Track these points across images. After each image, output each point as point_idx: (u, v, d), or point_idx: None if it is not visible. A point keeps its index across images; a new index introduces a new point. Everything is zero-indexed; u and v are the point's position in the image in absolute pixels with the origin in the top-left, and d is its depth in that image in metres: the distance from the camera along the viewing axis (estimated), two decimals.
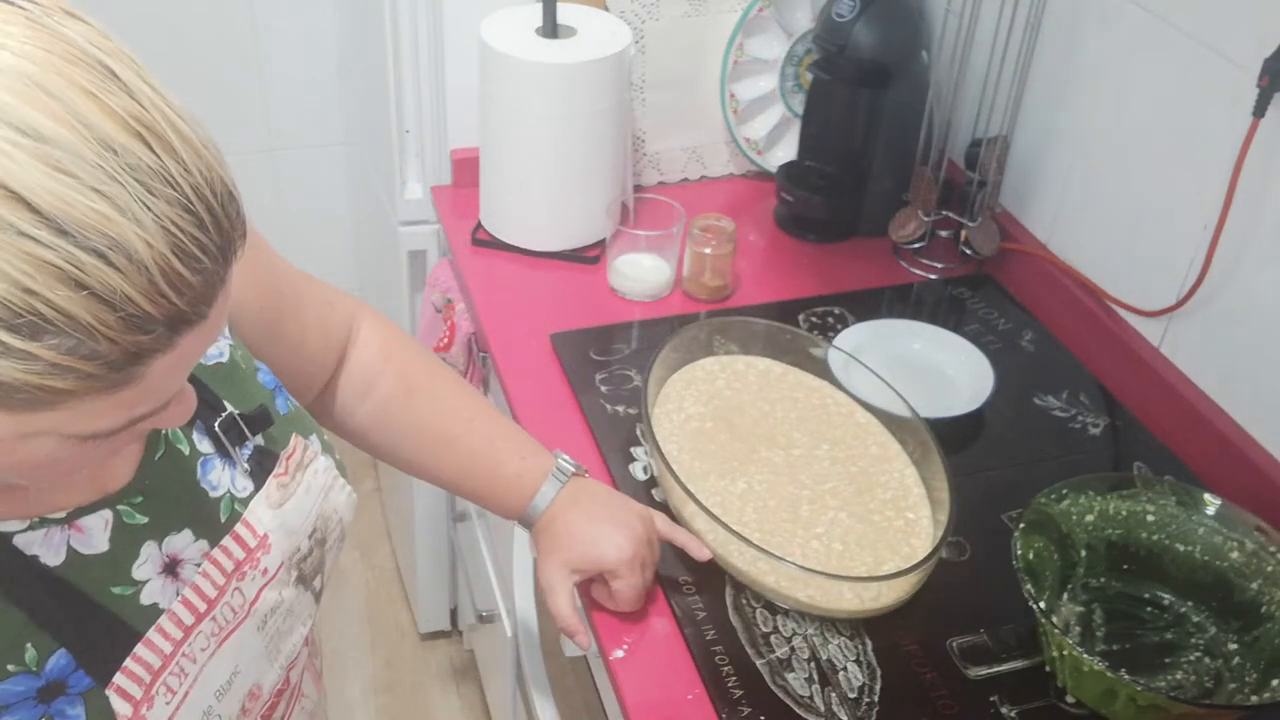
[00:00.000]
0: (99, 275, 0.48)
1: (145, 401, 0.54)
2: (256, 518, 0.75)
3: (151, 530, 0.70)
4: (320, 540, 0.81)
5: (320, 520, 0.80)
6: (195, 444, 0.74)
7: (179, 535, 0.71)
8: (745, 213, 1.59)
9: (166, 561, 0.70)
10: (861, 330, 1.32)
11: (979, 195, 1.42)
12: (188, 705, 0.69)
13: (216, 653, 0.71)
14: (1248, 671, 0.95)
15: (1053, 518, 1.02)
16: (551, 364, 1.30)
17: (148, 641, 0.67)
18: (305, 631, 0.82)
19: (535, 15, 1.42)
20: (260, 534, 0.75)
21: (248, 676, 0.75)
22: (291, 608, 0.79)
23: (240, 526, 0.74)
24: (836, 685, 0.96)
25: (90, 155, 0.48)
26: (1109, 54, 1.28)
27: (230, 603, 0.72)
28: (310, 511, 0.79)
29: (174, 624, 0.69)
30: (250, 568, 0.74)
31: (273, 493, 0.76)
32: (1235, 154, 1.09)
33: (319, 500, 0.80)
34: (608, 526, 0.97)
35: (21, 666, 0.62)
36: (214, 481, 0.74)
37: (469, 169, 1.56)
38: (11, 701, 0.62)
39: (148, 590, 0.69)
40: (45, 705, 0.63)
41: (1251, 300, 1.14)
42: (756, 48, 1.58)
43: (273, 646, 0.78)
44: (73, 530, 0.66)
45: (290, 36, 2.08)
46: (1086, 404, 1.28)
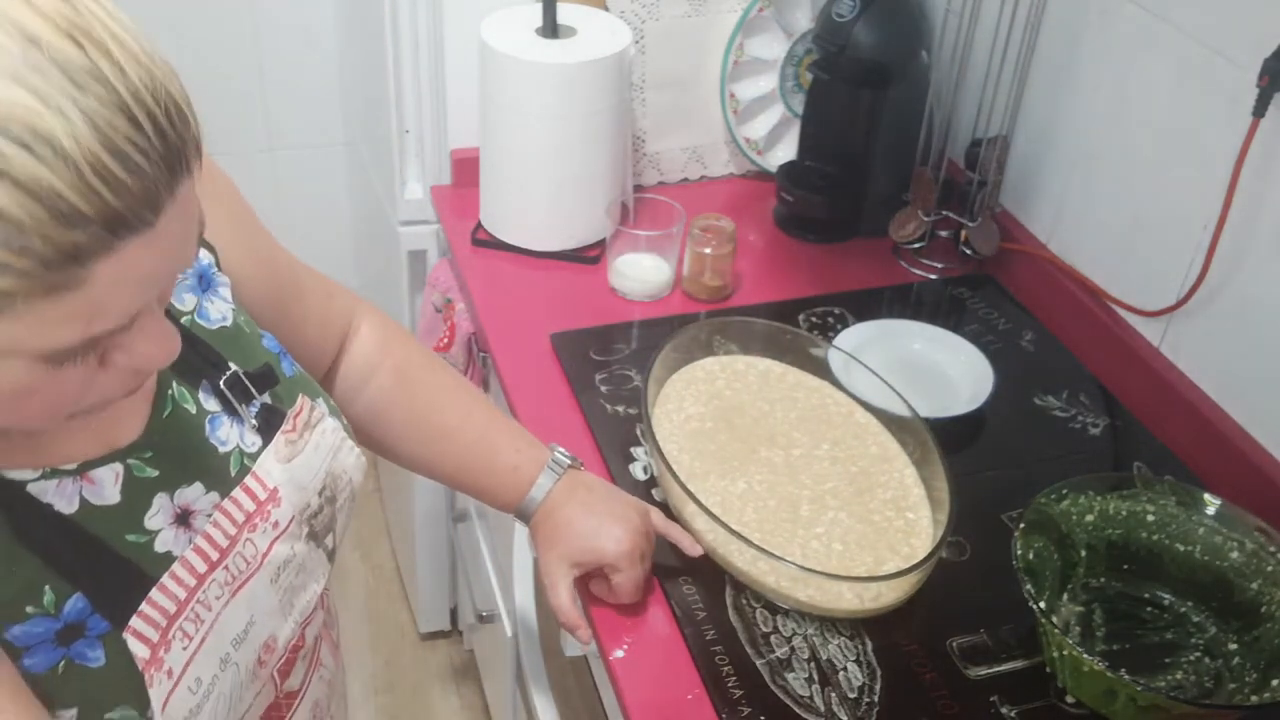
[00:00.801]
0: (23, 166, 0.48)
1: (100, 316, 0.54)
2: (265, 471, 0.76)
3: (162, 483, 0.71)
4: (330, 498, 0.81)
5: (330, 478, 0.81)
6: (202, 403, 0.75)
7: (190, 488, 0.72)
8: (745, 213, 1.59)
9: (178, 512, 0.71)
10: (861, 330, 1.32)
11: (979, 195, 1.42)
12: (205, 651, 0.71)
13: (231, 602, 0.73)
14: (1248, 671, 0.95)
15: (1053, 518, 1.02)
16: (551, 364, 1.30)
17: (162, 587, 0.68)
18: (318, 589, 0.83)
19: (535, 15, 1.42)
20: (270, 487, 0.76)
21: (263, 628, 0.76)
22: (304, 563, 0.80)
23: (250, 479, 0.75)
24: (836, 685, 0.96)
25: (14, 48, 0.48)
26: (1109, 54, 1.28)
27: (242, 553, 0.74)
28: (319, 469, 0.80)
29: (187, 571, 0.70)
30: (261, 520, 0.75)
31: (281, 448, 0.77)
32: (1235, 154, 1.09)
33: (328, 459, 0.81)
34: (606, 519, 0.98)
35: (40, 609, 0.64)
36: (223, 438, 0.75)
37: (469, 169, 1.56)
38: (32, 643, 0.64)
39: (161, 539, 0.70)
40: (65, 648, 0.64)
41: (1251, 300, 1.14)
42: (756, 48, 1.58)
43: (286, 601, 0.79)
44: (84, 481, 0.67)
45: (290, 36, 2.08)
46: (1086, 404, 1.28)
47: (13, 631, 0.63)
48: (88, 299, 0.52)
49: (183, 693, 0.69)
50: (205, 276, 0.78)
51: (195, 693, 0.70)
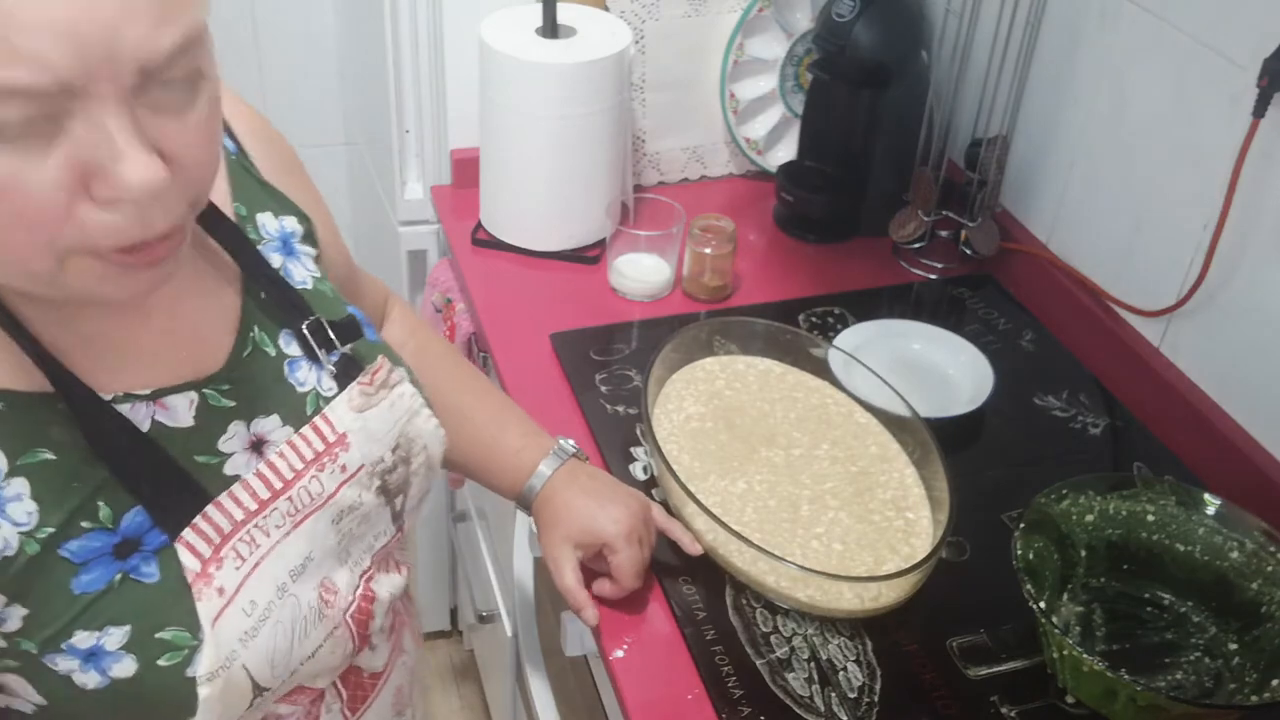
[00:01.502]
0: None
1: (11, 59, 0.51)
2: (337, 415, 0.77)
3: (239, 412, 0.74)
4: (404, 459, 0.83)
5: (404, 439, 0.82)
6: (282, 347, 0.77)
7: (267, 419, 0.75)
8: (745, 213, 1.59)
9: (253, 440, 0.74)
10: (861, 330, 1.32)
11: (979, 195, 1.42)
12: (260, 575, 0.72)
13: (293, 532, 0.74)
14: (1248, 671, 0.95)
15: (1053, 518, 1.02)
16: (551, 364, 1.30)
17: (218, 504, 0.70)
18: (379, 545, 0.83)
19: (535, 15, 1.42)
20: (339, 431, 0.77)
21: (321, 566, 0.77)
22: (368, 514, 0.80)
23: (320, 420, 0.77)
24: (836, 685, 0.96)
25: None
26: (1109, 54, 1.28)
27: (308, 488, 0.75)
28: (394, 427, 0.81)
29: (248, 494, 0.72)
30: (330, 460, 0.76)
31: (355, 396, 0.79)
32: (1235, 154, 1.09)
33: (403, 420, 0.82)
34: (605, 501, 0.99)
35: (95, 523, 0.65)
36: (301, 379, 0.78)
37: (469, 169, 1.56)
38: (89, 558, 0.65)
39: (232, 462, 0.73)
40: (122, 561, 0.66)
41: (1252, 300, 1.14)
42: (756, 48, 1.58)
43: (343, 546, 0.79)
44: (157, 406, 0.70)
45: (290, 36, 2.08)
46: (1086, 404, 1.28)
47: (69, 547, 0.64)
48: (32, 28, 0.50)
49: (235, 613, 0.70)
50: (288, 242, 0.81)
51: (250, 615, 0.70)
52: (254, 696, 0.73)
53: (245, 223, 0.79)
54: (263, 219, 0.81)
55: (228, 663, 0.69)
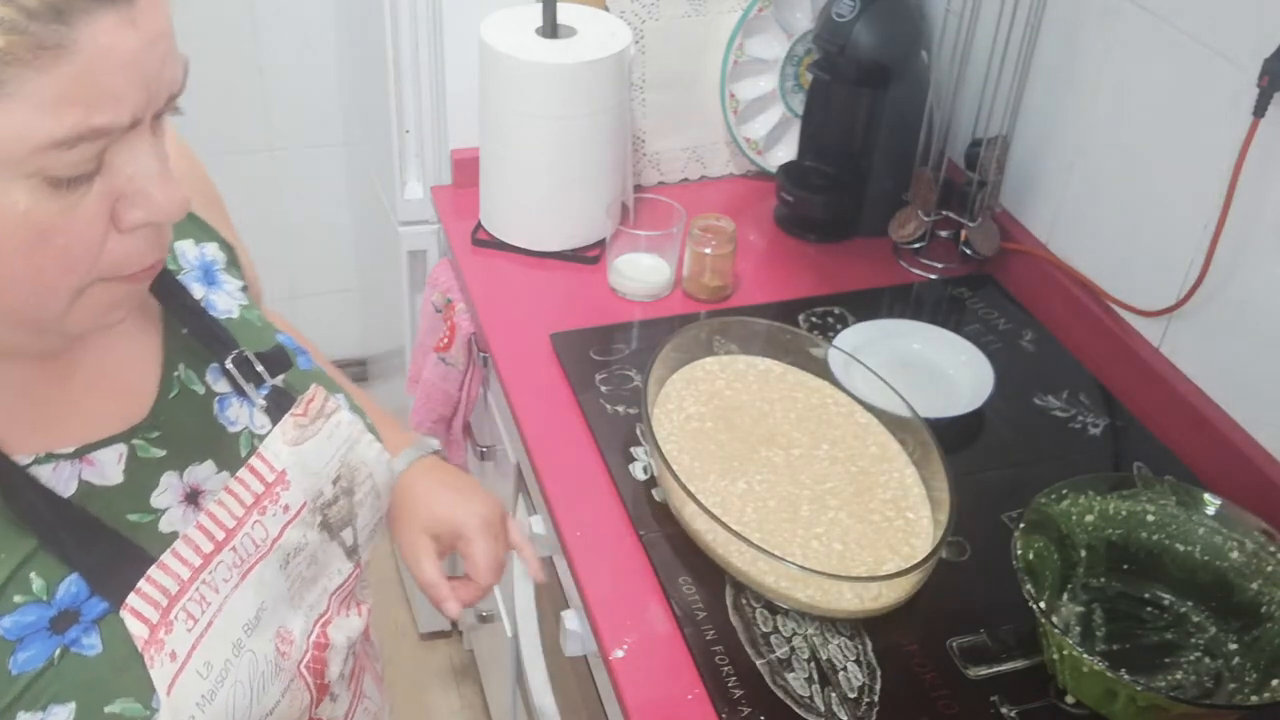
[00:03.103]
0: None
1: (96, 103, 0.54)
2: (273, 453, 0.75)
3: (171, 461, 0.71)
4: (347, 490, 0.80)
5: (345, 469, 0.80)
6: (210, 384, 0.75)
7: (201, 466, 0.72)
8: (745, 213, 1.59)
9: (188, 491, 0.71)
10: (861, 330, 1.32)
11: (979, 195, 1.42)
12: (214, 635, 0.69)
13: (240, 585, 0.71)
14: (1248, 671, 0.95)
15: (1053, 518, 1.02)
16: (551, 364, 1.30)
17: (162, 564, 0.67)
18: (329, 585, 0.80)
19: (535, 15, 1.42)
20: (277, 469, 0.74)
21: (274, 615, 0.74)
22: (316, 554, 0.78)
23: (255, 460, 0.74)
24: (836, 685, 0.96)
25: None
26: (1109, 54, 1.28)
27: (252, 535, 0.72)
28: (332, 457, 0.79)
29: (191, 550, 0.69)
30: (270, 502, 0.74)
31: (289, 430, 0.76)
32: (1235, 154, 1.09)
33: (343, 449, 0.80)
34: (462, 493, 0.97)
35: (29, 596, 0.62)
36: (232, 417, 0.75)
37: (469, 169, 1.56)
38: (25, 634, 0.62)
39: (167, 518, 0.70)
40: (60, 635, 0.63)
41: (1251, 300, 1.14)
42: (756, 48, 1.58)
43: (296, 591, 0.77)
44: (83, 464, 0.67)
45: (290, 36, 2.08)
46: (1086, 404, 1.28)
47: (3, 624, 0.62)
48: (80, 76, 0.52)
49: (191, 677, 0.66)
50: (210, 271, 0.79)
51: (205, 678, 0.67)
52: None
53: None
54: (182, 247, 0.79)
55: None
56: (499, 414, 1.49)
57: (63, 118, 0.53)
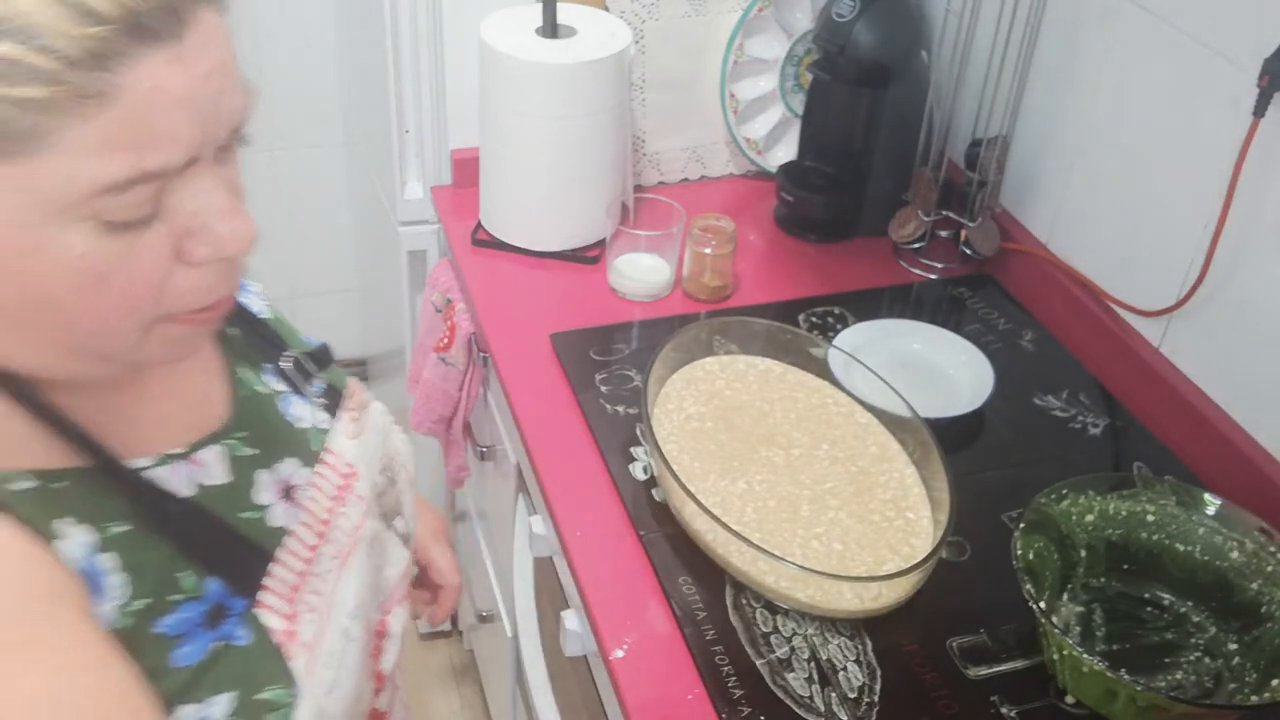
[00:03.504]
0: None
1: (148, 145, 0.52)
2: (340, 447, 0.77)
3: (262, 460, 0.72)
4: (391, 480, 0.82)
5: (386, 458, 0.82)
6: (269, 385, 0.76)
7: (286, 463, 0.73)
8: (745, 213, 1.59)
9: (282, 487, 0.72)
10: (861, 330, 1.32)
11: (979, 195, 1.42)
12: (331, 624, 0.70)
13: (341, 574, 0.73)
14: (1248, 671, 0.95)
15: (1053, 518, 1.02)
16: (551, 364, 1.30)
17: (279, 559, 0.68)
18: (394, 575, 0.82)
19: (535, 15, 1.42)
20: (347, 462, 0.77)
21: (368, 604, 0.76)
22: (382, 543, 0.80)
23: (327, 454, 0.76)
24: (836, 685, 0.96)
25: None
26: (1109, 54, 1.28)
27: (341, 526, 0.74)
28: (379, 448, 0.81)
29: (299, 544, 0.70)
30: (348, 494, 0.76)
31: (348, 425, 0.78)
32: (1235, 154, 1.09)
33: (383, 440, 0.82)
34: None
35: (184, 594, 0.63)
36: (297, 414, 0.77)
37: (469, 169, 1.56)
38: (185, 630, 0.63)
39: (271, 514, 0.71)
40: (215, 629, 0.64)
41: (1251, 300, 1.14)
42: (756, 48, 1.58)
43: (374, 579, 0.78)
44: (191, 464, 0.68)
45: (290, 36, 2.08)
46: (1086, 404, 1.28)
47: (164, 623, 0.62)
48: (126, 120, 0.51)
49: (321, 665, 0.68)
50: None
51: (330, 666, 0.69)
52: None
53: None
54: None
55: (319, 716, 0.67)
56: (499, 414, 1.49)
57: (112, 162, 0.51)
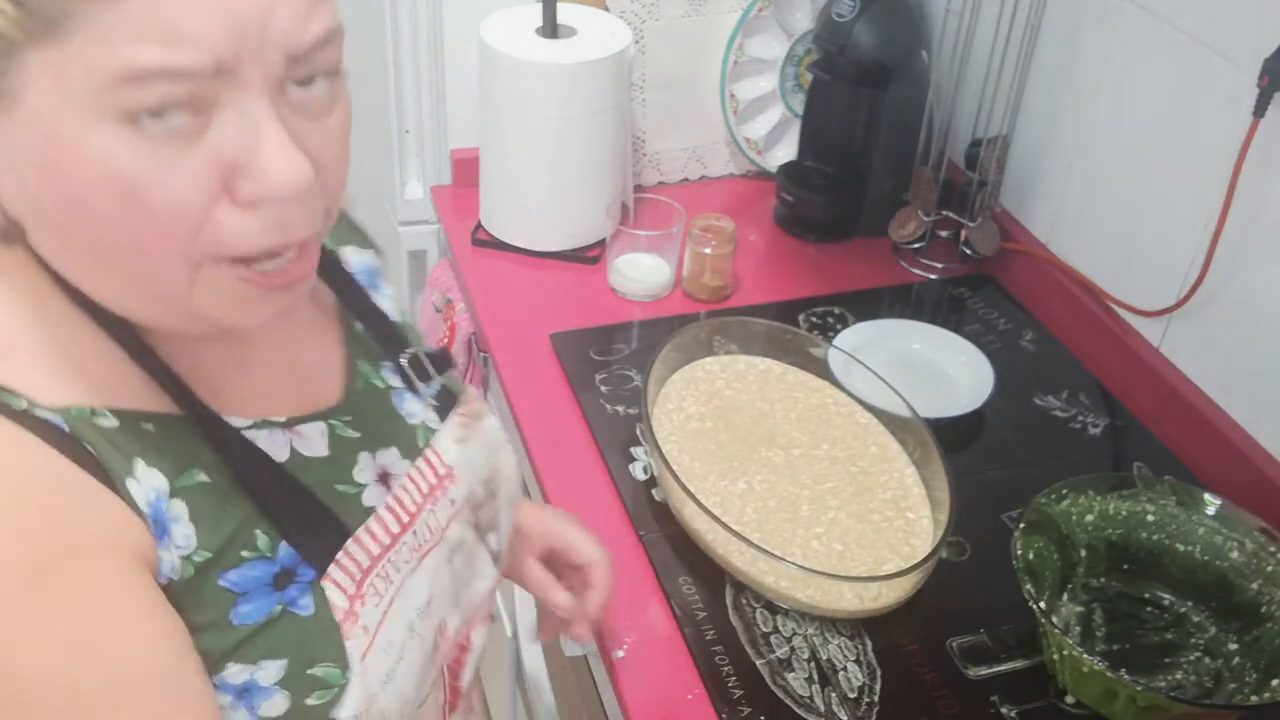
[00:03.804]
0: None
1: (173, 40, 0.50)
2: (444, 447, 0.77)
3: (364, 443, 0.72)
4: (493, 494, 0.81)
5: (492, 473, 0.81)
6: (387, 379, 0.77)
7: (388, 451, 0.73)
8: (745, 213, 1.59)
9: (380, 472, 0.72)
10: (861, 330, 1.32)
11: (979, 195, 1.42)
12: (394, 613, 0.69)
13: (417, 568, 0.72)
14: (1248, 671, 0.95)
15: (1053, 518, 1.02)
16: (551, 364, 1.30)
17: (358, 539, 0.68)
18: (482, 589, 0.81)
19: (535, 15, 1.42)
20: (447, 464, 0.76)
21: (440, 606, 0.74)
22: (471, 554, 0.79)
23: (430, 452, 0.76)
24: (836, 685, 0.96)
25: None
26: (1109, 54, 1.28)
27: (427, 523, 0.73)
28: (484, 459, 0.80)
29: (381, 528, 0.70)
30: (441, 494, 0.75)
31: (456, 429, 0.78)
32: (1235, 154, 1.09)
33: (492, 454, 0.81)
34: (574, 522, 0.97)
35: (255, 552, 0.63)
36: (409, 411, 0.77)
37: (469, 169, 1.56)
38: (250, 588, 0.62)
39: (368, 494, 0.71)
40: (280, 592, 0.63)
41: (1251, 300, 1.14)
42: (756, 48, 1.58)
43: (456, 588, 0.77)
44: (293, 434, 0.68)
45: None
46: (1086, 404, 1.28)
47: (229, 577, 0.62)
48: (150, 8, 0.49)
49: (378, 652, 0.67)
50: (371, 275, 0.81)
51: (389, 655, 0.68)
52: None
53: (333, 255, 0.79)
54: (346, 252, 0.80)
55: (369, 705, 0.66)
56: (499, 414, 1.49)
57: (134, 51, 0.50)
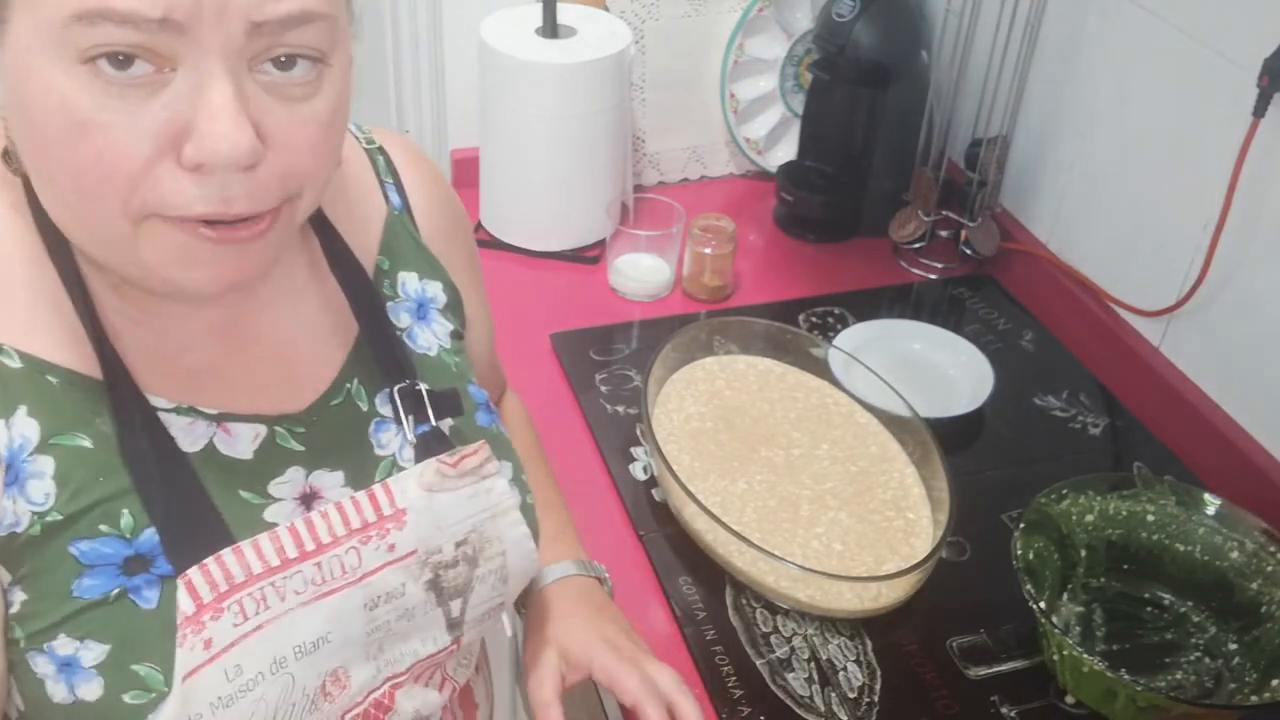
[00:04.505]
0: None
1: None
2: (400, 488, 0.71)
3: (304, 458, 0.70)
4: (469, 558, 0.74)
5: (476, 536, 0.74)
6: (375, 405, 0.74)
7: (331, 474, 0.70)
8: (745, 213, 1.59)
9: (306, 491, 0.69)
10: (861, 330, 1.32)
11: (979, 195, 1.42)
12: (259, 641, 0.65)
13: (311, 604, 0.67)
14: (1248, 671, 0.95)
15: (1053, 518, 1.02)
16: (551, 364, 1.30)
17: (238, 550, 0.64)
18: (422, 652, 0.74)
19: (535, 15, 1.42)
20: (399, 506, 0.70)
21: (339, 653, 0.69)
22: (413, 610, 0.72)
23: (380, 488, 0.70)
24: (836, 685, 0.96)
25: None
26: (1109, 54, 1.28)
27: (343, 559, 0.68)
28: (465, 520, 0.74)
29: (273, 548, 0.66)
30: (377, 535, 0.69)
31: (428, 474, 0.72)
32: (1235, 154, 1.09)
33: (481, 517, 0.74)
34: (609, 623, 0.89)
35: (114, 529, 0.62)
36: (383, 442, 0.73)
37: (469, 169, 1.56)
38: (97, 563, 0.61)
39: (274, 509, 0.68)
40: (126, 577, 0.62)
41: (1251, 300, 1.14)
42: (756, 48, 1.58)
43: (376, 640, 0.71)
44: (220, 430, 0.66)
45: None
46: (1086, 404, 1.28)
47: (79, 546, 0.61)
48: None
49: (215, 672, 0.63)
50: (424, 306, 0.79)
51: (232, 680, 0.64)
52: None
53: (384, 277, 0.77)
54: (405, 277, 0.78)
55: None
56: None
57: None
